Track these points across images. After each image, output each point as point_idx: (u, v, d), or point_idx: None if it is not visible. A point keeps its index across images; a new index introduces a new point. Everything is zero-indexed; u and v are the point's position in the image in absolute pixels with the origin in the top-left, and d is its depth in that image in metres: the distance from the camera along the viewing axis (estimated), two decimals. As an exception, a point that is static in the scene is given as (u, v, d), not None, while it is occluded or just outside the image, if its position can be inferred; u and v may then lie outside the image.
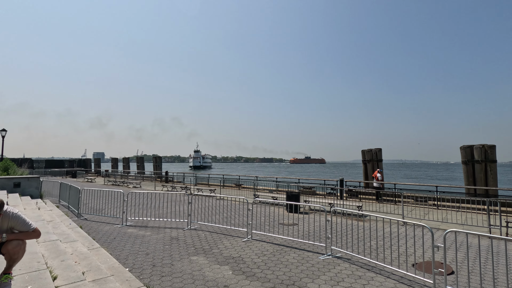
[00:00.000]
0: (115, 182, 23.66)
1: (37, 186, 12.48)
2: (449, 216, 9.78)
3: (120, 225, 8.39)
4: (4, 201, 2.78)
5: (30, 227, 2.98)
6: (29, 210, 8.49)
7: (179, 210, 10.49)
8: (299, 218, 9.38)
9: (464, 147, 13.35)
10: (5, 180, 11.99)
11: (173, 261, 5.43)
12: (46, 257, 4.32)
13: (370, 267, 5.21)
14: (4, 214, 2.83)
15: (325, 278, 4.72)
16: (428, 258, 5.70)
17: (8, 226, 2.88)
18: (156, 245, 6.44)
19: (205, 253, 5.95)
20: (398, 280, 4.66)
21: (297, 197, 11.27)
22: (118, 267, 4.72)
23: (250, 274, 4.85)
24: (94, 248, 5.65)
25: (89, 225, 8.36)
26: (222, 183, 19.71)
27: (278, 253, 5.99)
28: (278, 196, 13.11)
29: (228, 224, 8.42)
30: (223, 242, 6.76)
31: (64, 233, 6.37)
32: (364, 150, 17.21)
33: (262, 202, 11.68)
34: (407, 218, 9.62)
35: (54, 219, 7.92)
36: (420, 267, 5.16)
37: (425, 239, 6.80)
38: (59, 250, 4.74)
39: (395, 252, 5.96)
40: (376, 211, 10.95)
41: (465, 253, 5.89)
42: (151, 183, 23.19)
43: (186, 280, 4.58)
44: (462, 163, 13.38)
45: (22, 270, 3.43)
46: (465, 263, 5.39)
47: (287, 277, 4.76)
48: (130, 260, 5.49)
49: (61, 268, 3.96)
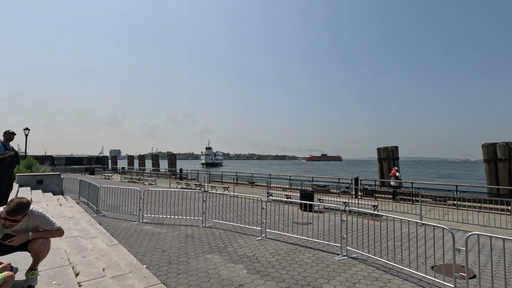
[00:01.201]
0: (131, 179, 24.26)
1: (58, 183, 12.96)
2: (470, 217, 9.44)
3: (137, 222, 8.60)
4: (30, 201, 2.90)
5: (54, 226, 3.10)
6: (51, 206, 8.83)
7: (194, 208, 10.64)
8: (313, 217, 9.31)
9: (486, 144, 12.83)
10: (28, 177, 12.52)
11: (189, 259, 5.51)
12: (69, 253, 4.48)
13: (387, 269, 5.11)
14: (30, 213, 2.95)
15: (340, 279, 4.66)
16: (448, 260, 5.53)
17: (33, 225, 3.00)
18: (172, 243, 6.57)
19: (219, 251, 6.01)
20: (416, 283, 4.55)
21: (311, 196, 11.19)
22: (136, 264, 4.85)
23: (265, 274, 4.86)
24: (113, 245, 5.82)
25: (108, 221, 8.62)
26: (235, 181, 19.83)
27: (292, 252, 5.97)
28: (291, 195, 13.06)
29: (242, 222, 8.46)
30: (237, 240, 6.81)
31: (85, 229, 6.59)
32: (380, 148, 16.86)
33: (276, 201, 11.67)
34: (425, 218, 9.37)
35: (74, 215, 8.21)
36: (440, 270, 5.01)
37: (445, 240, 6.60)
38: (80, 246, 4.90)
39: (413, 254, 5.81)
40: (393, 210, 10.71)
41: (488, 256, 5.67)
42: (166, 180, 23.62)
43: (201, 278, 4.64)
44: (484, 162, 12.88)
45: (47, 266, 3.58)
46: (488, 266, 5.19)
47: (302, 277, 4.74)
48: (147, 257, 5.62)
49: (83, 264, 4.09)
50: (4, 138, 5.81)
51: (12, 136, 5.94)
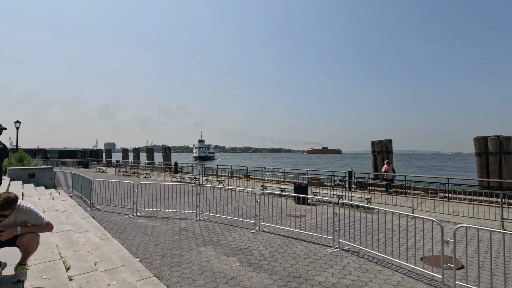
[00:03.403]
0: (125, 173, 24.12)
1: (51, 177, 12.83)
2: (460, 209, 9.61)
3: (130, 215, 8.58)
4: (18, 196, 2.86)
5: (43, 221, 3.06)
6: (43, 200, 8.75)
7: (188, 201, 10.64)
8: (307, 209, 9.39)
9: (478, 138, 12.99)
10: (20, 170, 12.36)
11: (182, 252, 5.54)
12: (60, 247, 4.46)
13: (378, 261, 5.20)
14: (18, 208, 2.91)
15: (332, 271, 4.74)
16: (437, 252, 5.65)
17: (22, 220, 2.97)
18: (165, 236, 6.58)
19: (213, 244, 6.04)
20: (406, 274, 4.64)
21: (305, 189, 11.26)
22: (129, 257, 4.85)
23: (258, 266, 4.90)
24: (106, 238, 5.81)
25: (101, 215, 8.59)
26: (230, 174, 19.85)
27: (285, 245, 6.03)
28: (286, 188, 13.13)
29: (236, 215, 8.50)
30: (231, 233, 6.85)
31: (77, 223, 6.55)
32: (374, 141, 16.97)
33: (270, 194, 11.73)
34: (417, 210, 9.52)
35: (67, 209, 8.15)
36: (429, 261, 5.12)
37: (435, 233, 6.73)
38: (72, 240, 4.88)
39: (404, 246, 5.92)
40: (386, 203, 10.85)
41: (476, 248, 5.80)
42: (160, 174, 23.54)
43: (194, 271, 4.67)
44: (476, 155, 13.06)
45: (37, 260, 3.56)
46: (475, 257, 5.32)
47: (294, 269, 4.80)
48: (141, 250, 5.63)
49: (74, 259, 4.08)
50: None
51: (0, 131, 5.83)
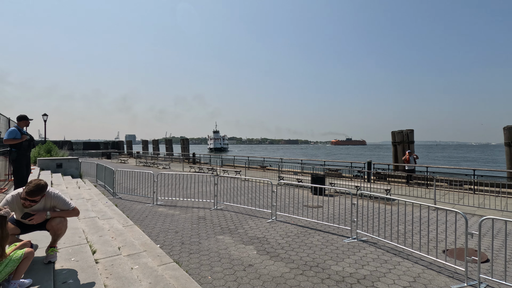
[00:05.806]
0: (146, 163, 24.88)
1: (76, 167, 13.47)
2: (486, 201, 9.19)
3: (151, 204, 8.87)
4: (47, 183, 3.03)
5: (70, 206, 3.24)
6: (70, 189, 9.22)
7: (206, 191, 10.85)
8: (324, 200, 9.32)
9: (508, 127, 12.27)
10: (49, 161, 13.07)
11: (201, 240, 5.68)
12: (86, 232, 4.70)
13: (397, 252, 5.10)
14: (47, 194, 3.09)
15: (349, 261, 4.70)
16: (460, 245, 5.45)
17: (51, 205, 3.16)
18: (184, 224, 6.76)
19: (230, 232, 6.15)
20: (426, 266, 4.53)
21: (322, 180, 11.16)
22: (150, 243, 5.04)
23: (274, 255, 4.95)
24: (128, 225, 6.06)
25: (123, 203, 8.94)
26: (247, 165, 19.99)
27: (302, 235, 6.04)
28: (303, 179, 13.06)
29: (253, 205, 8.59)
30: (248, 222, 6.93)
31: (102, 210, 6.87)
32: (395, 131, 16.45)
33: (287, 184, 11.72)
34: (439, 202, 9.20)
35: (92, 197, 8.55)
36: (451, 254, 4.96)
37: (458, 225, 6.49)
38: (97, 226, 5.13)
39: (425, 238, 5.76)
40: (406, 195, 10.57)
41: (503, 241, 5.55)
42: (179, 164, 24.08)
43: (212, 258, 4.79)
44: (505, 145, 12.37)
45: (66, 244, 3.78)
46: (502, 251, 5.09)
47: (311, 258, 4.81)
48: (161, 237, 5.83)
49: (100, 243, 4.30)
50: (20, 124, 6.01)
51: (28, 122, 6.15)
